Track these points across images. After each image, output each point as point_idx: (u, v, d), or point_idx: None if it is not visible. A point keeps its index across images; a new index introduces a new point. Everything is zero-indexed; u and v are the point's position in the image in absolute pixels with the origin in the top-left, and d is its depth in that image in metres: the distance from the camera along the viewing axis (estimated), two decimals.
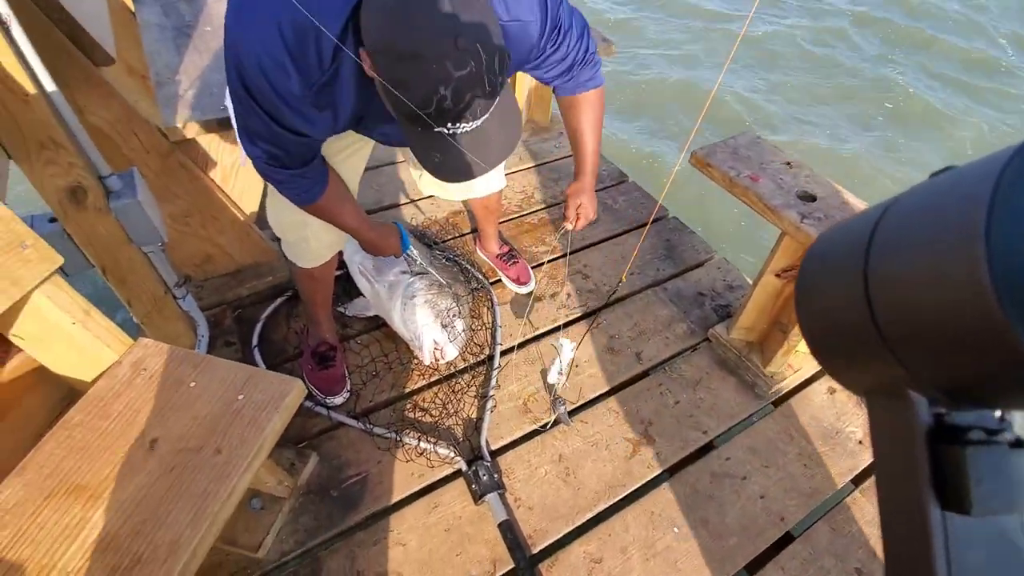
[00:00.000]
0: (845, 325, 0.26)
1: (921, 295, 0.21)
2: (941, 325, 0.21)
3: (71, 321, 0.87)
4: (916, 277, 0.22)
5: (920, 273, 0.21)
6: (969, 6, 6.08)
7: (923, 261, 0.21)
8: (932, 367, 0.23)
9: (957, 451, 0.23)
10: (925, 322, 0.21)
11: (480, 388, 1.54)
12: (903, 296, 0.22)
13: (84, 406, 0.86)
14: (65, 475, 0.79)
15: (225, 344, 1.56)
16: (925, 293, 0.21)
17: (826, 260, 0.29)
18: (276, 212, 1.26)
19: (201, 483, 0.77)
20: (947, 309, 0.20)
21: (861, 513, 1.33)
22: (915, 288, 0.22)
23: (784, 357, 1.54)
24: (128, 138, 1.37)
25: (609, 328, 1.72)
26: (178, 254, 1.62)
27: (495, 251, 1.82)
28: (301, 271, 1.35)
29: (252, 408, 0.85)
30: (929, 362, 0.23)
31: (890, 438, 0.26)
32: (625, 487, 1.35)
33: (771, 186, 1.34)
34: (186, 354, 0.92)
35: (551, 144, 2.46)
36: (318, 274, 1.36)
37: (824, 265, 0.29)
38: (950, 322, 0.20)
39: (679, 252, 2.00)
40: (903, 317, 0.23)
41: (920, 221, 0.23)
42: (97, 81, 1.28)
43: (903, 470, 0.25)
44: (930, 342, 0.22)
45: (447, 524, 1.26)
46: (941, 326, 0.21)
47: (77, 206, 1.13)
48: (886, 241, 0.24)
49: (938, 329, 0.21)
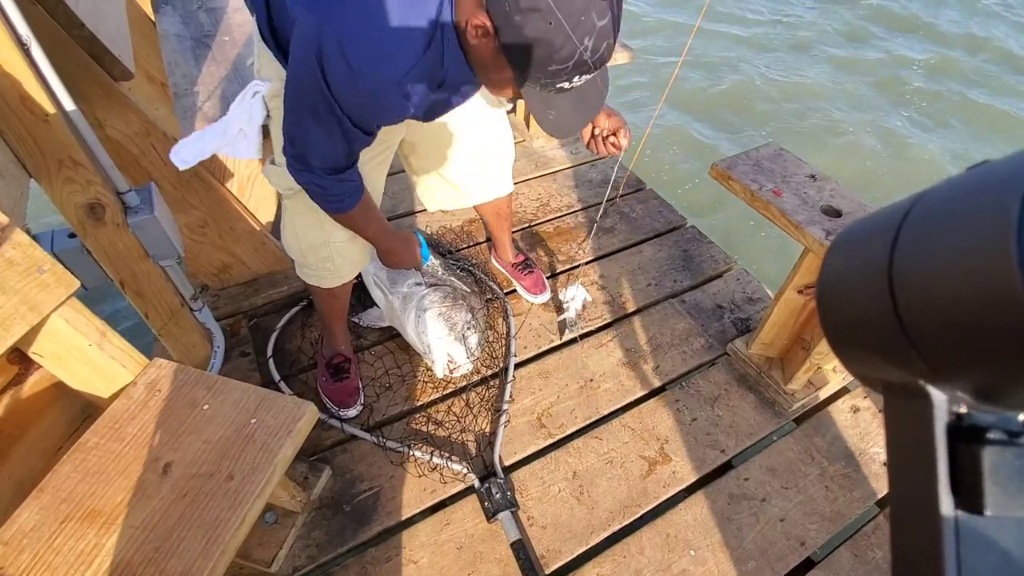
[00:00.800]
0: (867, 318, 0.26)
1: (948, 291, 0.21)
2: (967, 322, 0.20)
3: (87, 343, 0.88)
4: (943, 272, 0.21)
5: (948, 268, 0.21)
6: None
7: (951, 256, 0.21)
8: (956, 364, 0.22)
9: (975, 450, 0.22)
10: (951, 319, 0.21)
11: (494, 402, 1.52)
12: (929, 291, 0.22)
13: (99, 428, 0.86)
14: (80, 499, 0.80)
15: (241, 354, 1.57)
16: (952, 289, 0.20)
17: (851, 250, 0.28)
18: (296, 237, 1.25)
19: (213, 511, 0.77)
20: (974, 306, 0.19)
21: (884, 539, 1.29)
22: (942, 283, 0.21)
23: (805, 375, 1.50)
24: (147, 150, 1.38)
25: (625, 341, 1.69)
26: (195, 264, 1.64)
27: (510, 260, 1.80)
28: (321, 289, 1.34)
29: (264, 433, 0.85)
30: (953, 359, 0.22)
31: (907, 433, 0.25)
32: (640, 507, 1.33)
33: (795, 201, 1.30)
34: (199, 375, 0.92)
35: (567, 150, 2.43)
36: (338, 291, 1.36)
37: (848, 255, 0.28)
38: (977, 319, 0.19)
39: (697, 263, 1.96)
40: (928, 313, 0.22)
41: (950, 214, 0.22)
42: (116, 95, 1.29)
43: (918, 466, 0.24)
44: (955, 339, 0.21)
45: (459, 542, 1.26)
46: (967, 323, 0.20)
47: (96, 222, 1.14)
48: (914, 234, 0.23)
49: (964, 326, 0.20)
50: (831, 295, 0.29)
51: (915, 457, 0.24)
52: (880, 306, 0.24)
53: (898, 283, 0.23)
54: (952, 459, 0.23)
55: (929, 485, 0.23)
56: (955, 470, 0.23)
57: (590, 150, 1.19)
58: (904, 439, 0.26)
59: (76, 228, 1.16)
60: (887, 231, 0.25)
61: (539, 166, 2.34)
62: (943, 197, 0.23)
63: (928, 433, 0.24)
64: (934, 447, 0.23)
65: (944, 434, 0.23)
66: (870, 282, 0.25)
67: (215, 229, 1.57)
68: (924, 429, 0.24)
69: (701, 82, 4.45)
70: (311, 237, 1.23)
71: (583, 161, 2.38)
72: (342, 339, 1.51)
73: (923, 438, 0.24)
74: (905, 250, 0.23)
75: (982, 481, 0.22)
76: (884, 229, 0.25)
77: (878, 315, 0.24)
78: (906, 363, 0.24)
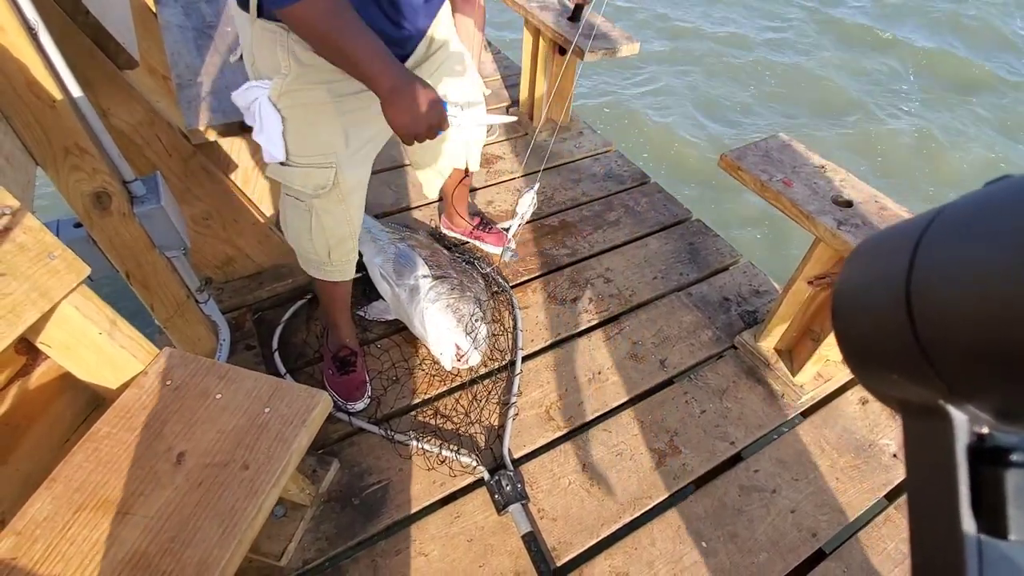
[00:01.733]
0: (884, 336, 0.25)
1: (967, 310, 0.20)
2: (987, 342, 0.20)
3: (98, 331, 0.86)
4: (962, 291, 0.20)
5: (967, 287, 0.20)
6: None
7: (970, 275, 0.20)
8: (977, 385, 0.22)
9: (998, 472, 0.22)
10: (970, 339, 0.20)
11: (502, 395, 1.51)
12: (948, 310, 0.21)
13: (111, 418, 0.85)
14: (93, 489, 0.79)
15: (246, 347, 1.56)
16: (971, 309, 0.20)
17: (867, 268, 0.28)
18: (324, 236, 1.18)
19: (229, 500, 0.76)
20: (994, 325, 0.19)
21: (896, 530, 1.29)
22: (961, 303, 0.20)
23: (814, 366, 1.50)
24: (151, 141, 1.36)
25: (632, 334, 1.68)
26: (199, 256, 1.62)
27: (470, 224, 1.78)
28: (328, 283, 1.32)
29: (279, 422, 0.83)
30: (973, 379, 0.21)
31: (926, 454, 0.25)
32: (651, 499, 1.33)
33: (805, 191, 1.30)
34: (211, 364, 0.91)
35: (571, 144, 2.42)
36: (345, 282, 1.34)
37: (865, 273, 0.28)
38: (997, 339, 0.19)
39: (703, 256, 1.96)
40: (947, 332, 0.21)
41: (969, 232, 0.21)
42: (121, 84, 1.27)
43: (938, 488, 0.23)
44: (975, 359, 0.21)
45: (470, 535, 1.25)
46: (987, 343, 0.20)
47: (102, 211, 1.13)
48: (932, 251, 0.23)
49: (984, 346, 0.20)
50: (848, 311, 0.29)
51: (935, 479, 0.24)
52: (898, 324, 0.23)
53: (916, 301, 0.23)
54: (974, 481, 0.22)
55: (950, 508, 0.23)
56: (977, 492, 0.22)
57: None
58: (923, 460, 0.25)
59: (82, 218, 1.14)
60: (905, 248, 0.24)
61: (542, 160, 2.32)
62: (962, 214, 0.22)
63: (949, 454, 0.23)
64: (955, 469, 0.23)
65: (965, 456, 0.23)
66: (888, 300, 0.24)
67: (219, 221, 1.56)
68: (944, 450, 0.23)
69: (701, 77, 4.45)
70: (340, 233, 1.19)
71: (587, 155, 2.37)
72: (347, 331, 1.49)
73: (943, 460, 0.23)
74: (923, 268, 0.23)
75: (1005, 504, 0.21)
76: (902, 246, 0.24)
77: (896, 333, 0.24)
78: (925, 382, 0.23)
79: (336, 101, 1.03)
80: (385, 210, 2.04)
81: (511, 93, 2.70)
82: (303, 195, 1.12)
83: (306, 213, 1.15)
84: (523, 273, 1.85)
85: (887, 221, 1.24)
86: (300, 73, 0.97)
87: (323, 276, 1.30)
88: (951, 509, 0.23)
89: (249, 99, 0.98)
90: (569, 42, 1.99)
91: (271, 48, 0.94)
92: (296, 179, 1.09)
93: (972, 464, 0.23)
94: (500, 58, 2.98)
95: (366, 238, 1.80)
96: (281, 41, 0.93)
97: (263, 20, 0.92)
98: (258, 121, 0.98)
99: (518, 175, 2.25)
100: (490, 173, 2.24)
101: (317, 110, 1.02)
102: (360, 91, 0.99)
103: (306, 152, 1.06)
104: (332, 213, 1.15)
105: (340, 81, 0.99)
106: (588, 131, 2.50)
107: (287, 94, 0.98)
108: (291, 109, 0.99)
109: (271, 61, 0.96)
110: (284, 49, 0.94)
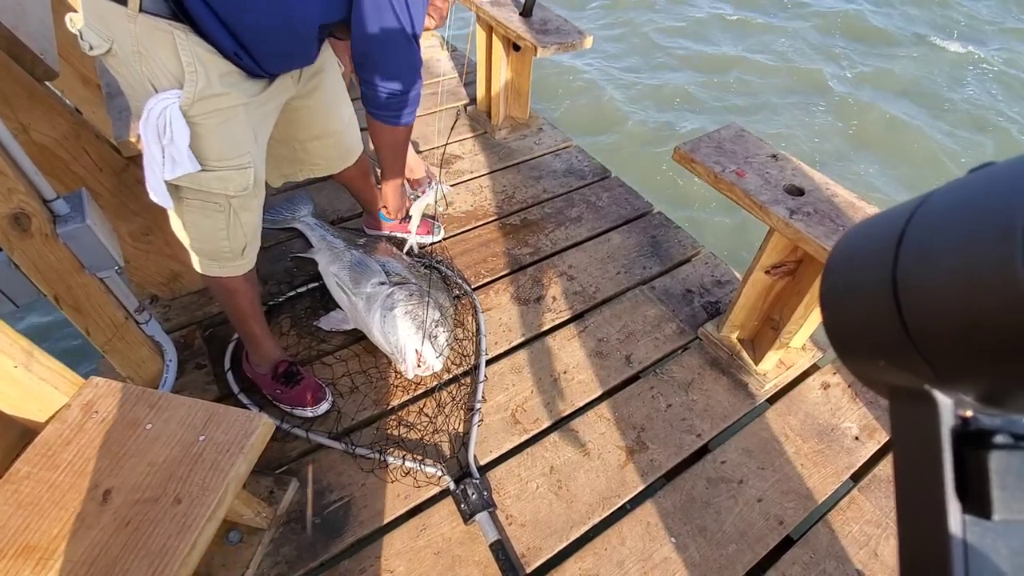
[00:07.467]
0: (871, 322, 0.26)
1: (952, 296, 0.20)
2: (972, 327, 0.20)
3: (12, 364, 0.80)
4: (948, 277, 0.21)
5: (952, 273, 0.21)
6: None
7: (956, 261, 0.20)
8: (961, 369, 0.22)
9: (981, 454, 0.23)
10: (955, 324, 0.21)
11: (466, 401, 1.48)
12: (934, 296, 0.22)
13: (31, 456, 0.79)
14: (13, 534, 0.73)
15: (196, 367, 1.49)
16: (957, 294, 0.20)
17: (854, 256, 0.28)
18: (241, 229, 1.16)
19: (159, 538, 0.71)
20: (979, 311, 0.19)
21: (860, 512, 1.31)
22: (946, 289, 0.21)
23: (776, 354, 1.51)
24: (78, 155, 1.28)
25: (597, 331, 1.67)
26: (142, 274, 1.54)
27: (395, 219, 1.77)
28: (227, 284, 1.23)
29: (214, 450, 0.79)
30: (958, 364, 0.22)
31: (912, 437, 0.25)
32: (619, 497, 1.31)
33: (758, 181, 1.30)
34: (142, 393, 0.85)
35: (530, 141, 2.40)
36: (246, 279, 1.26)
37: (851, 262, 0.28)
38: (982, 324, 0.20)
39: (665, 248, 1.96)
40: (933, 318, 0.22)
41: (954, 219, 0.22)
42: (41, 97, 1.20)
43: (924, 470, 0.24)
44: (960, 344, 0.21)
45: (436, 547, 1.21)
46: (972, 328, 0.20)
47: (21, 233, 1.05)
48: (918, 238, 0.23)
49: (969, 331, 0.20)
50: (834, 299, 0.29)
51: (921, 462, 0.24)
52: (884, 311, 0.24)
53: (902, 288, 0.23)
54: (958, 463, 0.23)
55: (936, 490, 0.23)
56: (962, 474, 0.23)
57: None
58: (910, 443, 0.26)
59: (1, 241, 1.06)
60: (891, 235, 0.24)
61: (502, 158, 2.30)
62: (947, 201, 0.23)
63: (934, 437, 0.24)
64: (940, 451, 0.23)
65: (950, 438, 0.23)
66: (874, 286, 0.25)
67: (161, 236, 1.48)
68: (930, 433, 0.24)
69: (658, 74, 4.47)
70: (255, 223, 1.19)
71: (547, 151, 2.35)
72: (270, 343, 1.38)
73: (929, 442, 0.24)
74: (909, 255, 0.23)
75: (989, 485, 0.22)
76: (888, 233, 0.25)
77: (882, 319, 0.24)
78: (911, 367, 0.24)
79: (245, 103, 1.02)
80: (341, 215, 1.99)
81: (468, 91, 2.66)
82: (218, 197, 1.08)
83: (220, 213, 1.11)
84: (485, 274, 1.82)
85: (839, 208, 1.25)
86: (209, 77, 0.92)
87: (233, 272, 1.22)
88: (937, 490, 0.23)
89: (155, 111, 0.89)
90: (522, 38, 1.96)
91: (167, 51, 0.87)
92: (213, 183, 1.05)
93: (957, 446, 0.23)
94: (457, 55, 2.93)
95: (322, 246, 1.75)
96: (182, 42, 0.85)
97: (146, 16, 0.82)
98: (168, 134, 0.91)
99: (478, 174, 2.22)
100: (450, 173, 2.20)
101: (231, 113, 1.00)
102: (263, 89, 1.07)
103: (225, 156, 1.03)
104: (251, 209, 1.15)
105: (246, 81, 1.02)
106: (548, 127, 2.48)
107: (201, 101, 0.92)
108: (207, 116, 0.95)
109: (170, 66, 0.88)
110: (187, 52, 0.87)
